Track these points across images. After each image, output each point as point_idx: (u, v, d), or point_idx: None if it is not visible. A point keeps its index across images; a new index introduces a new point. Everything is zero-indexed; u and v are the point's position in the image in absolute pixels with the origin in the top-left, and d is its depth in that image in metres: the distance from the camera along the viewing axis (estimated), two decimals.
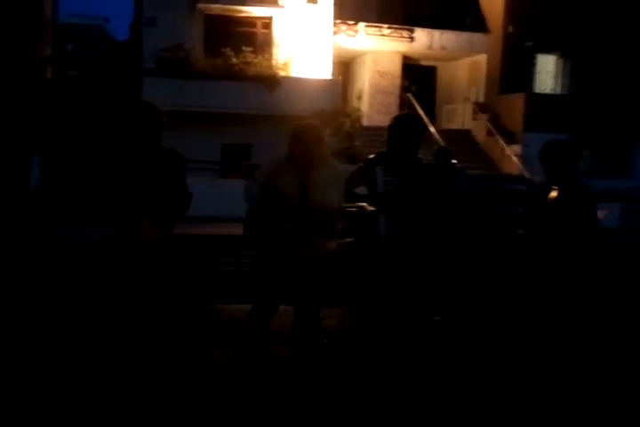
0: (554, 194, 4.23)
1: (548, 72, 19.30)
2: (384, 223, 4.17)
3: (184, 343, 4.33)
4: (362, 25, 17.74)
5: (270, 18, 16.88)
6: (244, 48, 16.04)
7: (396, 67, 18.90)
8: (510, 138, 17.02)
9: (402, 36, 18.21)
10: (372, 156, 4.32)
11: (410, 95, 18.27)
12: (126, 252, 4.03)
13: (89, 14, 37.01)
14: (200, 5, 16.16)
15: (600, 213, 4.13)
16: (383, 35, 18.01)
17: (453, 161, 6.33)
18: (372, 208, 4.19)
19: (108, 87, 18.58)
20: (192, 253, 5.42)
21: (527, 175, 15.37)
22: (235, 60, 15.77)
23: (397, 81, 18.92)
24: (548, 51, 18.90)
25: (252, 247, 4.21)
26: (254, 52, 16.24)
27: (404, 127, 4.20)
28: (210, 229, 9.25)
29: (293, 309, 4.25)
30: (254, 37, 17.03)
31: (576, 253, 4.13)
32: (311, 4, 16.77)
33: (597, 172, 16.99)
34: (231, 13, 16.60)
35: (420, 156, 4.32)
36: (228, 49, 15.90)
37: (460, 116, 18.89)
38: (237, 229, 4.32)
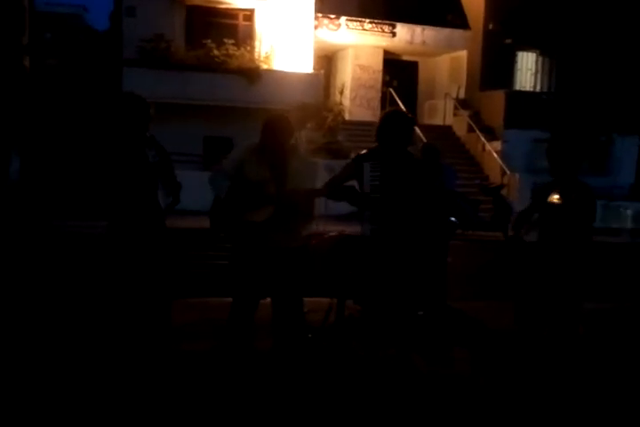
0: (556, 196, 4.24)
1: (528, 69, 19.43)
2: (369, 218, 4.18)
3: (167, 336, 4.30)
4: (344, 19, 17.70)
5: (252, 10, 16.76)
6: (225, 40, 15.89)
7: (377, 61, 18.90)
8: (491, 134, 17.11)
9: (383, 31, 18.21)
10: (363, 151, 4.33)
11: (391, 90, 18.30)
12: (123, 244, 4.01)
13: (67, 3, 36.47)
14: None
15: None
16: (365, 29, 18.00)
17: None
18: None
19: (87, 77, 18.33)
20: (179, 247, 5.44)
21: (507, 171, 15.53)
22: (216, 52, 15.62)
23: (379, 75, 18.93)
24: (528, 48, 19.03)
25: (220, 237, 4.20)
26: (236, 44, 16.11)
27: (393, 124, 4.19)
28: (194, 222, 9.17)
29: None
30: (236, 29, 16.91)
31: (579, 253, 4.19)
32: None
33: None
34: (213, 4, 16.46)
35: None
36: (210, 40, 15.75)
37: (442, 112, 18.94)
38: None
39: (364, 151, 4.33)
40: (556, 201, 4.20)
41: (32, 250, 6.95)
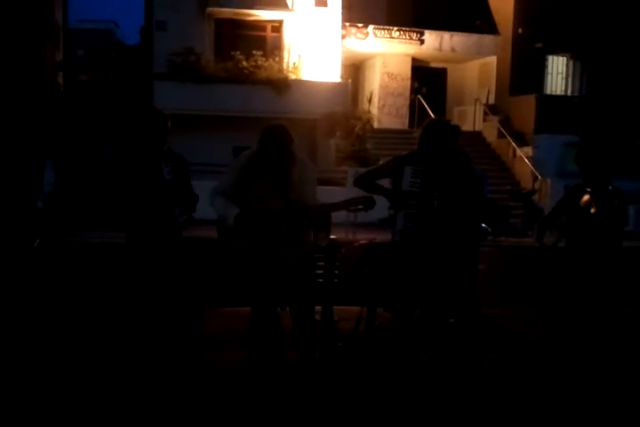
0: (586, 197, 4.18)
1: (558, 73, 19.23)
2: (402, 223, 4.17)
3: (190, 345, 4.31)
4: (371, 28, 17.74)
5: (280, 21, 16.91)
6: (254, 52, 16.08)
7: (405, 69, 18.89)
8: (521, 139, 16.94)
9: (411, 39, 18.20)
10: (404, 153, 4.33)
11: (420, 97, 18.26)
12: (142, 255, 4.05)
13: (99, 19, 37.30)
14: (210, 9, 16.21)
15: None
16: (393, 37, 18.01)
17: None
18: None
19: (119, 91, 18.68)
20: (201, 257, 5.46)
21: (538, 176, 15.35)
22: (245, 64, 15.81)
23: (407, 83, 18.91)
24: (558, 52, 18.85)
25: (230, 252, 4.19)
26: (264, 55, 16.27)
27: (437, 133, 4.17)
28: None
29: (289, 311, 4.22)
30: (264, 41, 17.08)
31: (611, 257, 4.12)
32: (321, 8, 16.80)
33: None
34: (241, 17, 16.66)
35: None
36: (239, 52, 15.95)
37: (471, 118, 18.81)
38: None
39: (404, 153, 4.33)
40: (588, 206, 4.13)
41: (50, 261, 7.08)
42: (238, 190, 3.97)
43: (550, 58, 18.99)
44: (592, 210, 4.12)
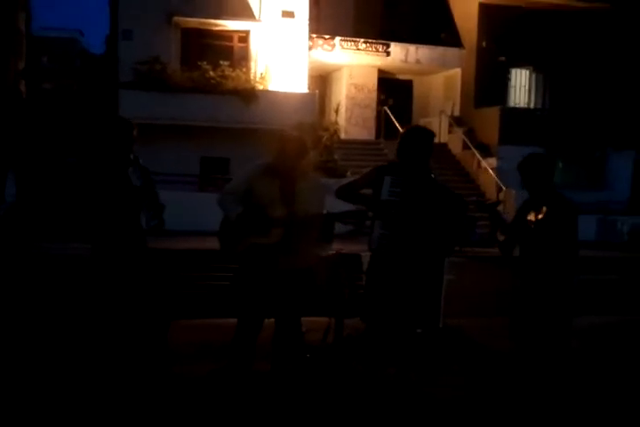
0: (532, 212, 4.17)
1: (521, 86, 19.59)
2: (379, 231, 4.18)
3: (155, 358, 4.25)
4: (338, 39, 17.86)
5: (247, 32, 16.92)
6: (221, 62, 16.03)
7: (372, 80, 19.06)
8: (486, 151, 17.18)
9: (377, 51, 18.37)
10: (384, 164, 4.36)
11: (386, 108, 18.42)
12: (108, 266, 4.00)
13: (63, 27, 36.88)
14: (176, 19, 16.14)
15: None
16: (359, 49, 18.16)
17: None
18: None
19: (83, 100, 18.45)
20: (168, 268, 5.39)
21: (503, 187, 15.57)
22: (212, 74, 15.75)
23: (374, 94, 19.07)
24: (521, 65, 19.20)
25: (230, 258, 4.18)
26: (231, 65, 16.24)
27: (414, 140, 4.21)
28: (189, 243, 9.20)
29: (274, 321, 4.20)
30: (231, 51, 17.05)
31: (559, 271, 4.09)
32: (287, 18, 16.85)
33: (571, 184, 17.24)
34: (208, 27, 16.61)
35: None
36: (205, 62, 15.89)
37: (437, 130, 18.98)
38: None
39: (384, 163, 4.36)
40: (531, 217, 4.12)
41: (15, 272, 6.95)
42: (246, 194, 4.04)
43: (513, 71, 19.33)
44: (532, 217, 4.10)
